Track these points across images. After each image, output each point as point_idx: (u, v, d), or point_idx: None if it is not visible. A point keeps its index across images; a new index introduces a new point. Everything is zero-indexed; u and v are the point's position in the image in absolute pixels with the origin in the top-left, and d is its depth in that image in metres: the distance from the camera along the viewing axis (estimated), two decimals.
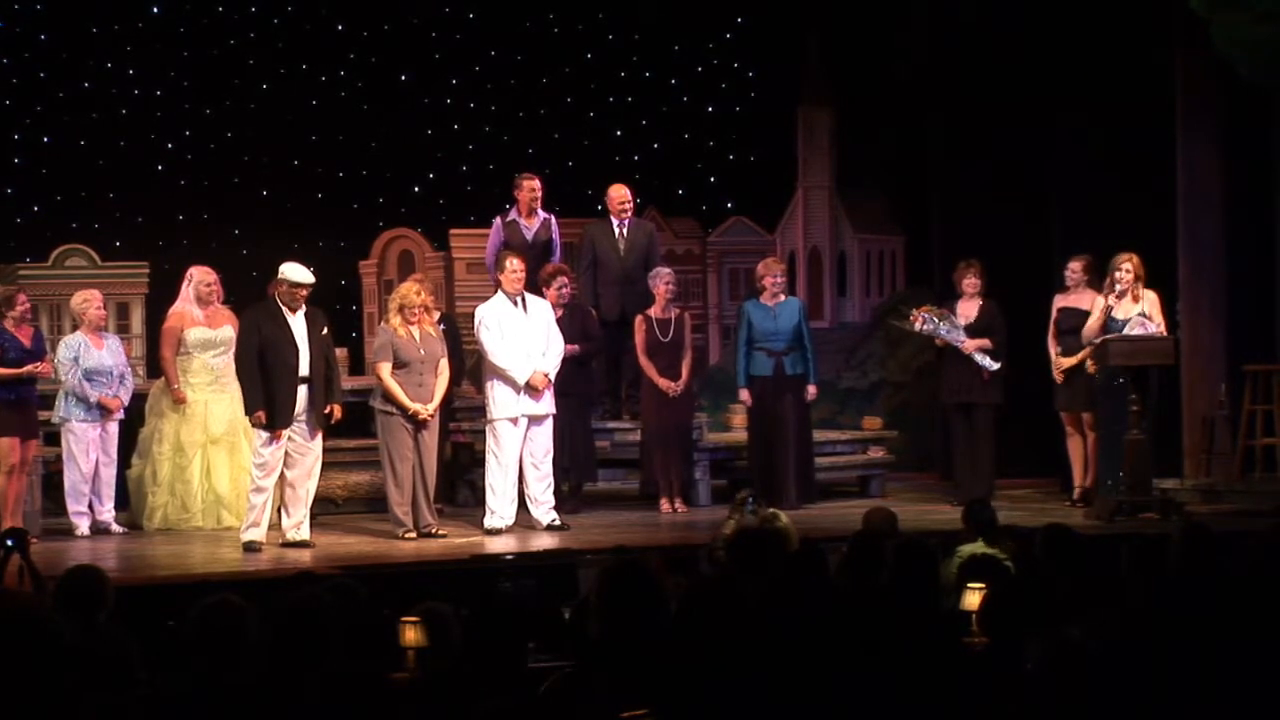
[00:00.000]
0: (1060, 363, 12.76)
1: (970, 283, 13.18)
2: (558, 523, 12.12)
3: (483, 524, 12.04)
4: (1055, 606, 6.19)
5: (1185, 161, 13.60)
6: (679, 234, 16.89)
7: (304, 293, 11.39)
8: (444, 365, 11.99)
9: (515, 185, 13.74)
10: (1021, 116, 14.61)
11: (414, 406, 11.72)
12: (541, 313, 12.33)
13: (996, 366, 12.97)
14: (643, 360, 13.09)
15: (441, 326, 12.37)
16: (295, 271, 11.38)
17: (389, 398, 11.75)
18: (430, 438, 11.88)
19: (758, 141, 17.78)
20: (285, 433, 11.36)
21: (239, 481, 12.39)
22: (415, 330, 11.87)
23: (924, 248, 16.17)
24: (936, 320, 13.03)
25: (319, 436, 11.53)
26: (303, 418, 11.41)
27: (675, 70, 17.94)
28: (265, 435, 11.37)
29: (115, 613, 6.65)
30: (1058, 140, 14.47)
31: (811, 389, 13.08)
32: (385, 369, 11.77)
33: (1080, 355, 12.58)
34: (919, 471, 15.19)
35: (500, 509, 12.08)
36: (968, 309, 13.16)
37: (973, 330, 13.06)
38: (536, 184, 13.70)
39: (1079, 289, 12.88)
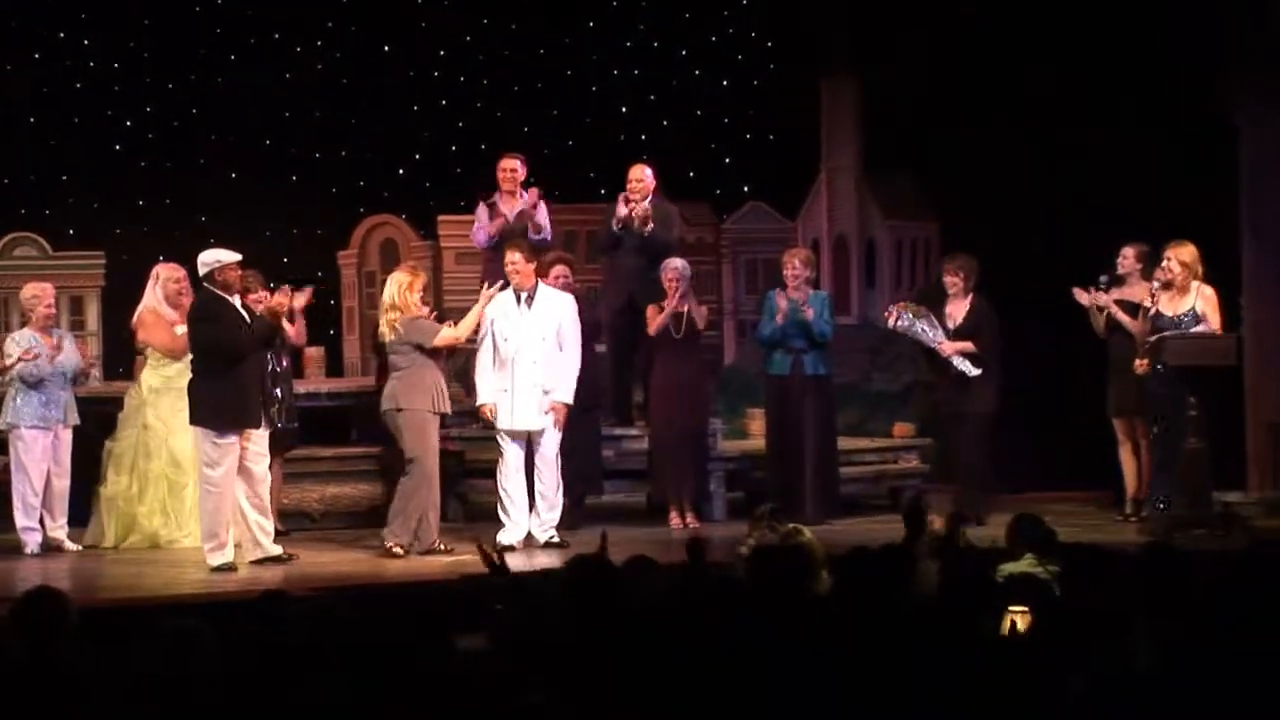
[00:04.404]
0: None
1: (950, 280, 13.06)
2: (555, 540, 12.13)
3: (496, 537, 11.93)
4: (1102, 631, 6.22)
5: (1250, 143, 13.62)
6: (691, 221, 16.85)
7: (241, 271, 11.51)
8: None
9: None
10: (1071, 98, 14.65)
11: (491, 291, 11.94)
12: (552, 311, 12.22)
13: (977, 372, 12.85)
14: (653, 325, 13.05)
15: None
16: (226, 253, 11.44)
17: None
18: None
19: (777, 118, 17.77)
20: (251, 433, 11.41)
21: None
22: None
23: (961, 234, 16.13)
24: (912, 317, 12.97)
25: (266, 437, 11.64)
26: None
27: (686, 40, 17.95)
28: (220, 440, 11.32)
29: (75, 637, 6.67)
30: (1106, 120, 14.51)
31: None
32: (444, 329, 11.88)
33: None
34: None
35: (516, 517, 12.12)
36: (956, 309, 13.08)
37: (959, 332, 12.96)
38: (515, 164, 13.75)
39: (1133, 279, 12.84)
